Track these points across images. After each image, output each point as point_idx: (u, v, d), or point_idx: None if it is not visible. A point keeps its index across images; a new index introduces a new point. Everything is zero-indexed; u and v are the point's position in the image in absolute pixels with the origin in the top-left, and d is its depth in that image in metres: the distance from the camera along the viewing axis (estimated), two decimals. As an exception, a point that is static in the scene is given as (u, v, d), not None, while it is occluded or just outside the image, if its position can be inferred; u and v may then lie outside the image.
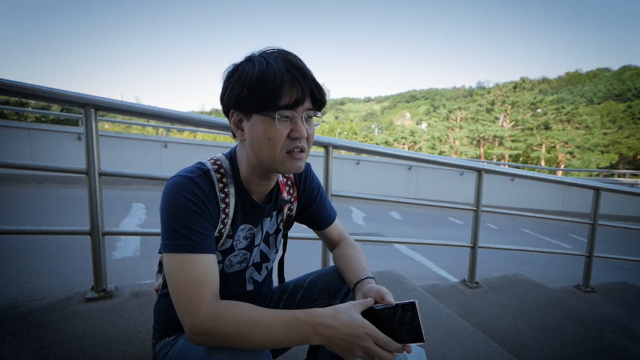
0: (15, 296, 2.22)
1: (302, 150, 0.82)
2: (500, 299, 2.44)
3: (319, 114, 0.84)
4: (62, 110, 15.11)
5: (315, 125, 0.85)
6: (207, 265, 0.76)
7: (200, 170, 0.83)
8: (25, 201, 5.35)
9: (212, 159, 0.89)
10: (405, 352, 0.74)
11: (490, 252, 4.49)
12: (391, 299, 0.79)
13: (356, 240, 1.16)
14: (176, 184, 0.79)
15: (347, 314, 0.71)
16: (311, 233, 1.22)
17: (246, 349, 0.70)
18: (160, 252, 0.79)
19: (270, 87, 0.74)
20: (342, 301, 0.98)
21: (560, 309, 2.36)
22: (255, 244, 0.96)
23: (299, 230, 2.23)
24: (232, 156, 0.90)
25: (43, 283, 2.48)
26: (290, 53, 0.81)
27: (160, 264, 1.04)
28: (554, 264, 5.04)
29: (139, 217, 4.93)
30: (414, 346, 0.77)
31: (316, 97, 0.81)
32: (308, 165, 1.05)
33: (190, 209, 0.76)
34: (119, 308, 1.57)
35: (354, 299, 0.93)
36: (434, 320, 1.80)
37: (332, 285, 1.04)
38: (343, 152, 9.82)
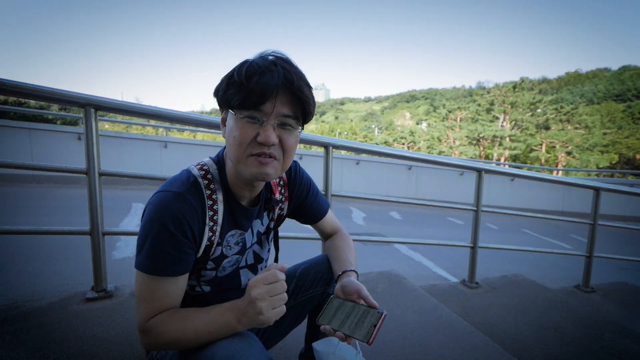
0: (15, 296, 2.22)
1: (271, 157, 0.77)
2: (500, 299, 2.44)
3: (297, 124, 0.78)
4: (61, 110, 15.09)
5: (297, 136, 0.80)
6: (168, 289, 0.78)
7: (188, 182, 0.80)
8: (25, 201, 5.34)
9: (199, 164, 0.87)
10: (341, 340, 0.79)
11: (491, 252, 4.48)
12: (372, 301, 0.83)
13: (356, 240, 1.17)
14: (163, 202, 0.76)
15: (245, 292, 0.73)
16: (310, 233, 1.21)
17: (186, 348, 0.76)
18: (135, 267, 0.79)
19: (237, 84, 0.73)
20: None
21: (560, 309, 2.36)
22: (248, 246, 0.95)
23: (298, 230, 2.24)
24: (219, 159, 0.88)
25: (43, 283, 2.48)
26: (284, 57, 0.77)
27: None
28: (554, 264, 5.04)
29: (138, 217, 4.93)
30: (353, 351, 0.83)
31: (296, 106, 0.76)
32: (296, 163, 1.03)
33: (170, 232, 0.74)
34: (119, 308, 1.57)
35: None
36: (434, 320, 1.80)
37: (325, 274, 1.07)
38: (343, 152, 9.82)
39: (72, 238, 3.31)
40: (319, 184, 1.97)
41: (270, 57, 0.76)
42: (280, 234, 1.24)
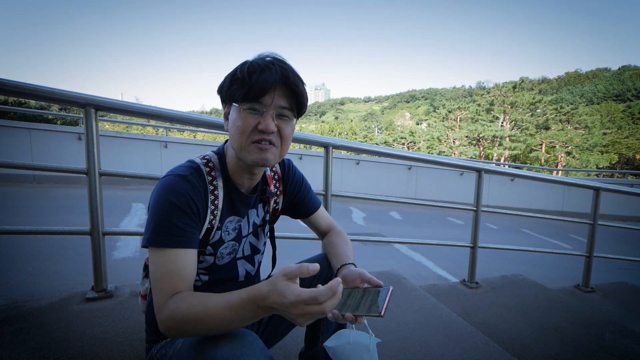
0: (15, 296, 2.22)
1: (270, 143, 0.85)
2: (500, 299, 2.44)
3: (292, 115, 0.87)
4: (61, 110, 15.09)
5: (293, 126, 0.89)
6: (181, 262, 0.78)
7: (191, 168, 0.87)
8: (25, 201, 5.34)
9: (201, 155, 0.94)
10: (351, 323, 0.77)
11: (491, 252, 4.49)
12: (377, 281, 0.83)
13: (356, 240, 1.17)
14: (168, 183, 0.82)
15: (275, 286, 0.67)
16: (309, 233, 1.22)
17: (205, 334, 0.72)
18: (142, 246, 0.80)
19: (240, 80, 0.81)
20: None
21: (560, 309, 2.36)
22: (243, 234, 0.99)
23: (297, 230, 2.23)
24: (220, 152, 0.95)
25: (43, 283, 2.48)
26: (279, 57, 0.85)
27: (146, 267, 1.06)
28: (554, 264, 5.04)
29: (139, 217, 4.93)
30: (366, 336, 0.82)
31: (292, 99, 0.85)
32: (289, 161, 1.11)
33: (176, 206, 0.79)
34: (119, 308, 1.57)
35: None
36: (434, 320, 1.80)
37: (324, 272, 1.07)
38: (343, 152, 9.82)
39: (72, 238, 3.30)
40: (319, 184, 1.98)
41: (268, 58, 0.84)
42: (278, 233, 1.24)
